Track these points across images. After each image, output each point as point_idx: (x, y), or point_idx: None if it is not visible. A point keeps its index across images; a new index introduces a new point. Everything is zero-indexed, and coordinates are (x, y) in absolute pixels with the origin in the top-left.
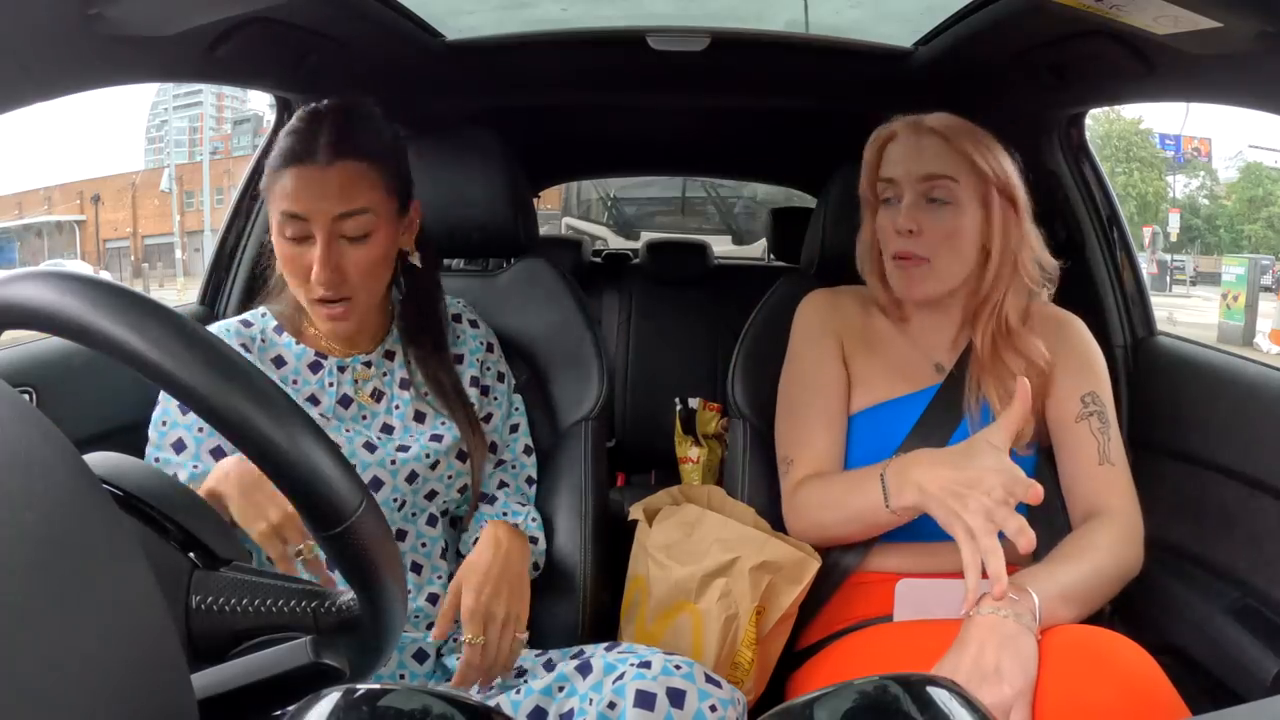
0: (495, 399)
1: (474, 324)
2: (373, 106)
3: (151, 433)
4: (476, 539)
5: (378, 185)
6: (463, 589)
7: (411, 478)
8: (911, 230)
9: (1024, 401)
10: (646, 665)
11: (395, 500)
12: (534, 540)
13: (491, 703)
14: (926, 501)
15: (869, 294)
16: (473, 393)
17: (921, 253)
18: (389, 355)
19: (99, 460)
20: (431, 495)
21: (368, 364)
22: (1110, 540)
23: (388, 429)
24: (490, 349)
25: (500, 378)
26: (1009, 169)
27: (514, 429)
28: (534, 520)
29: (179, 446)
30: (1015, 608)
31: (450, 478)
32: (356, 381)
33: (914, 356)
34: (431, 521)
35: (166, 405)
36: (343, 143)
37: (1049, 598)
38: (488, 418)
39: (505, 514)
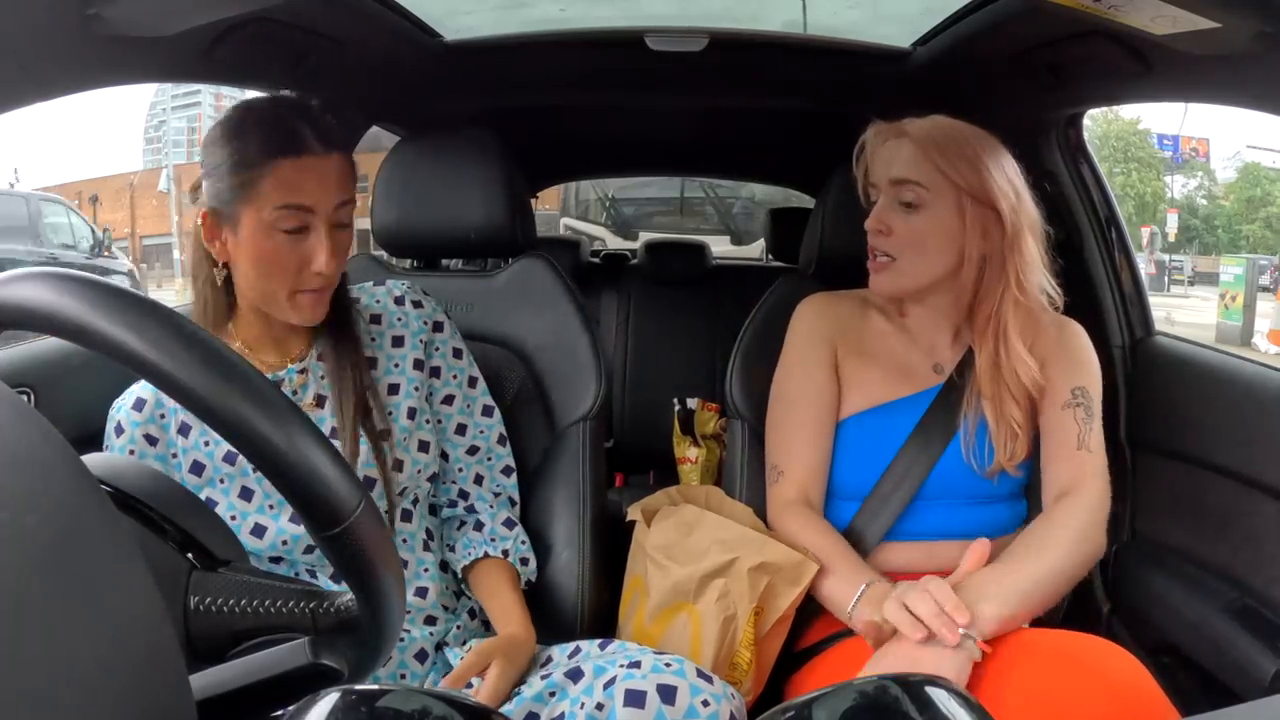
0: (452, 379)
1: (417, 304)
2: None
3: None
4: (467, 564)
5: (351, 175)
6: (493, 664)
7: (368, 484)
8: (881, 231)
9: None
10: (636, 665)
11: None
12: (524, 561)
13: None
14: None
15: (869, 296)
16: (417, 375)
17: (890, 251)
18: (322, 358)
19: (96, 461)
20: (401, 491)
21: (303, 371)
22: (1073, 530)
23: (335, 433)
24: (439, 328)
25: (458, 354)
26: (990, 178)
27: (486, 412)
28: (523, 543)
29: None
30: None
31: (418, 471)
32: (295, 392)
33: (914, 356)
34: (406, 517)
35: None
36: (330, 133)
37: (998, 616)
38: (448, 399)
39: (494, 540)
